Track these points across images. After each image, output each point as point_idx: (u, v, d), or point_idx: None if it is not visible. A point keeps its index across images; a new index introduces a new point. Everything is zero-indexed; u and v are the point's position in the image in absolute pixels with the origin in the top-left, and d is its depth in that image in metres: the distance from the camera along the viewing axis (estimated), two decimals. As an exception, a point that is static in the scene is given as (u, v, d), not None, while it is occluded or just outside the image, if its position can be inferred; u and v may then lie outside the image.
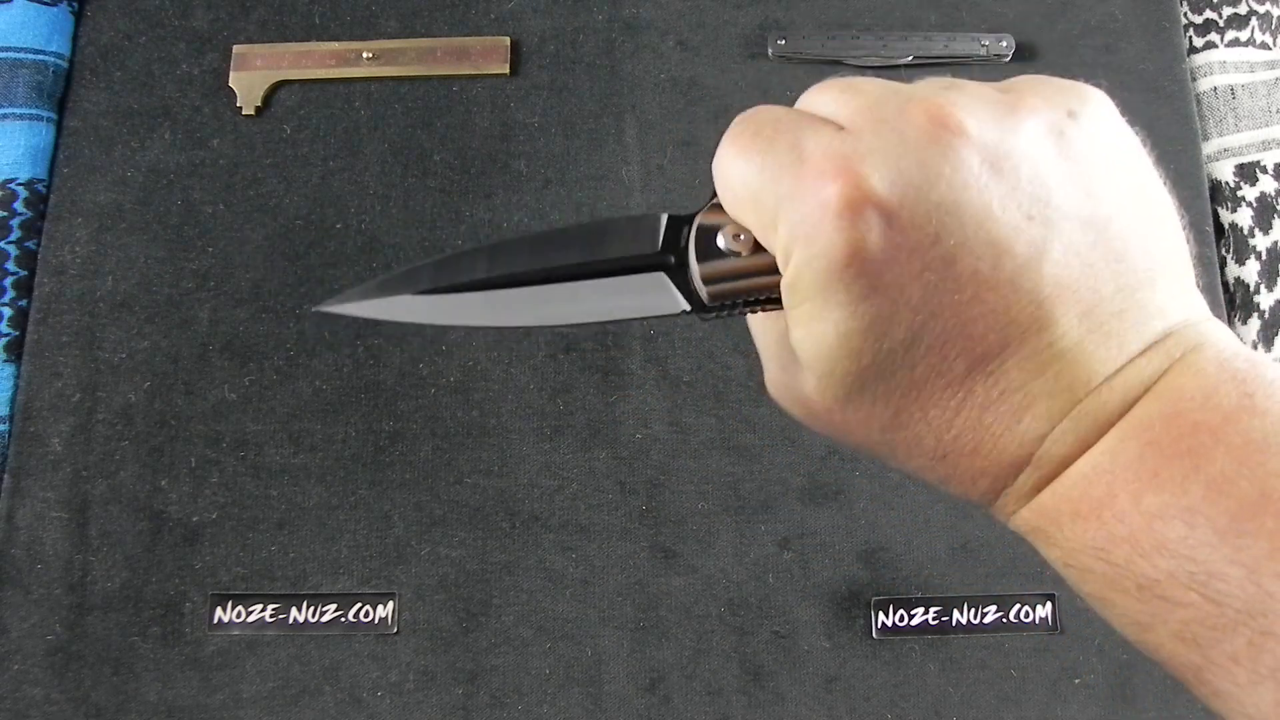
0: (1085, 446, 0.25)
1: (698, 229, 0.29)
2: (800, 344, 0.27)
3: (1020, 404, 0.25)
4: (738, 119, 0.28)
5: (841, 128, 0.26)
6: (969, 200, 0.24)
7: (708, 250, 0.29)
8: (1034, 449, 0.25)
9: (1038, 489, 0.26)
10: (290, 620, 0.52)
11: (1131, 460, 0.24)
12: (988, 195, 0.24)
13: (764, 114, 0.28)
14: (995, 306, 0.24)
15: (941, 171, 0.24)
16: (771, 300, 0.29)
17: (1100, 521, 0.24)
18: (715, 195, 0.30)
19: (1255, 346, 0.57)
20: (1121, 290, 0.25)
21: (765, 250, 0.28)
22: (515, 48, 0.62)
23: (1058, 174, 0.25)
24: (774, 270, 0.28)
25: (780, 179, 0.26)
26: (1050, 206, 0.25)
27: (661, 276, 0.29)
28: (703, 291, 0.29)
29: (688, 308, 0.29)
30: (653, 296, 0.30)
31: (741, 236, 0.29)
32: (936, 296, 0.24)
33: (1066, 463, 0.25)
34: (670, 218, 0.30)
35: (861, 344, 0.25)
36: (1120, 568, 0.24)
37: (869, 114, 0.26)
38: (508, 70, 0.61)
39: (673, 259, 0.30)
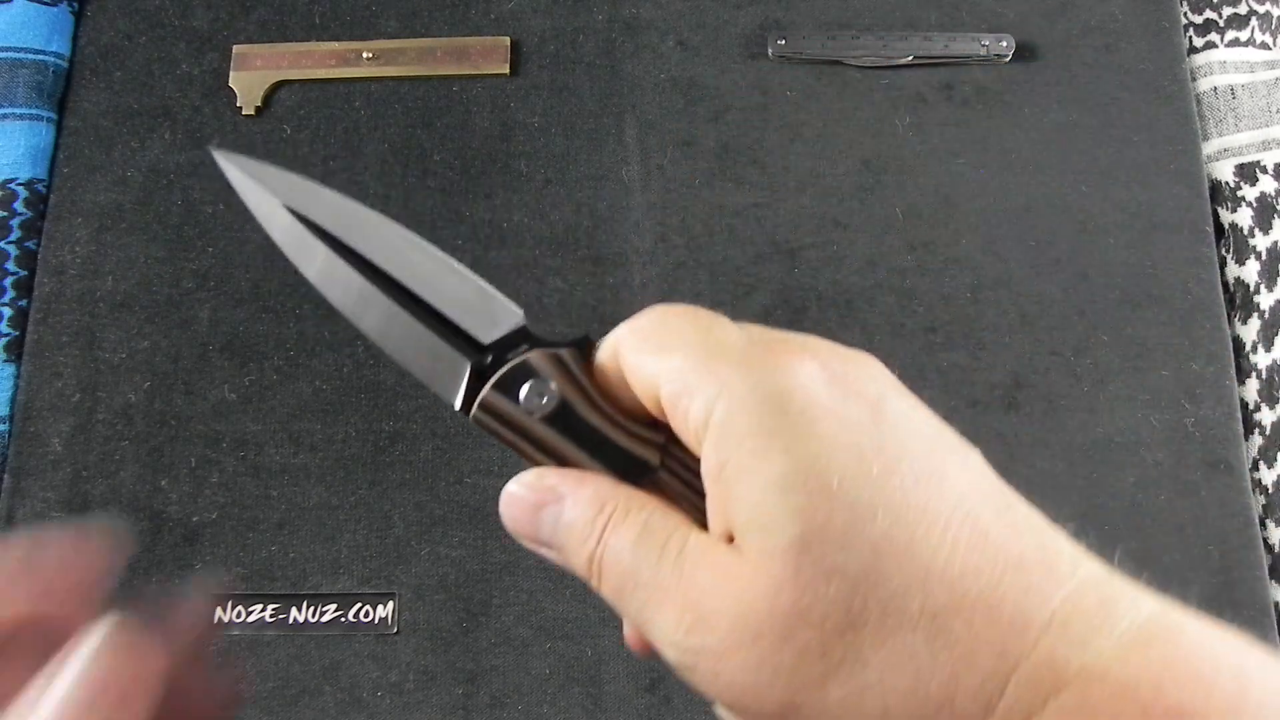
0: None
1: (517, 366, 0.29)
2: (741, 496, 0.25)
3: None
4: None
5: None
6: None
7: (511, 384, 0.28)
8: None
9: None
10: (290, 620, 0.52)
11: None
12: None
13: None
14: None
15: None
16: (528, 459, 0.28)
17: None
18: (564, 344, 0.29)
19: (1255, 347, 0.57)
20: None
21: (549, 426, 0.28)
22: (515, 48, 0.62)
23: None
24: (542, 449, 0.28)
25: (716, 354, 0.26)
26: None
27: (465, 366, 0.29)
28: (475, 410, 0.29)
29: (457, 406, 0.29)
30: (443, 373, 0.29)
31: (545, 399, 0.28)
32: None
33: None
34: (520, 331, 0.30)
35: (806, 484, 0.24)
36: None
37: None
38: (508, 70, 0.61)
39: (488, 359, 0.29)
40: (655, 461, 0.28)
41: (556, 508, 0.27)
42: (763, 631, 0.23)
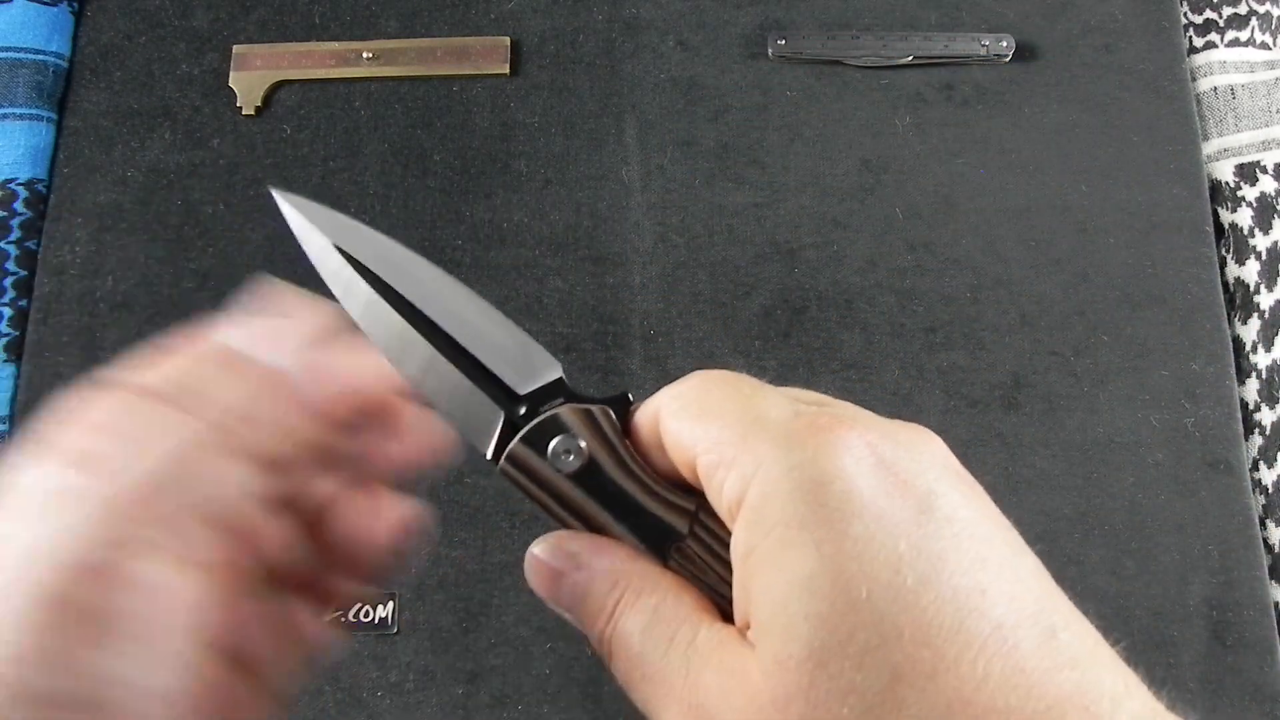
0: None
1: (547, 420, 0.28)
2: (764, 589, 0.23)
3: None
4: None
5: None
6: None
7: (540, 438, 0.28)
8: None
9: None
10: (290, 620, 0.52)
11: None
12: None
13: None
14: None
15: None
16: (554, 516, 0.28)
17: None
18: (600, 401, 0.29)
19: (1255, 347, 0.57)
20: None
21: (575, 485, 0.27)
22: (515, 48, 0.62)
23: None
24: (568, 507, 0.27)
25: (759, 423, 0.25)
26: None
27: (499, 416, 0.29)
28: (502, 462, 0.28)
29: (489, 455, 0.29)
30: (477, 421, 0.29)
31: (571, 457, 0.28)
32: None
33: None
34: (556, 384, 0.29)
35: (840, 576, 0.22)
36: None
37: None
38: (508, 70, 0.61)
39: (522, 410, 0.29)
40: (684, 529, 0.27)
41: (576, 576, 0.26)
42: None
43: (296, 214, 0.32)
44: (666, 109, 0.61)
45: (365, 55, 0.61)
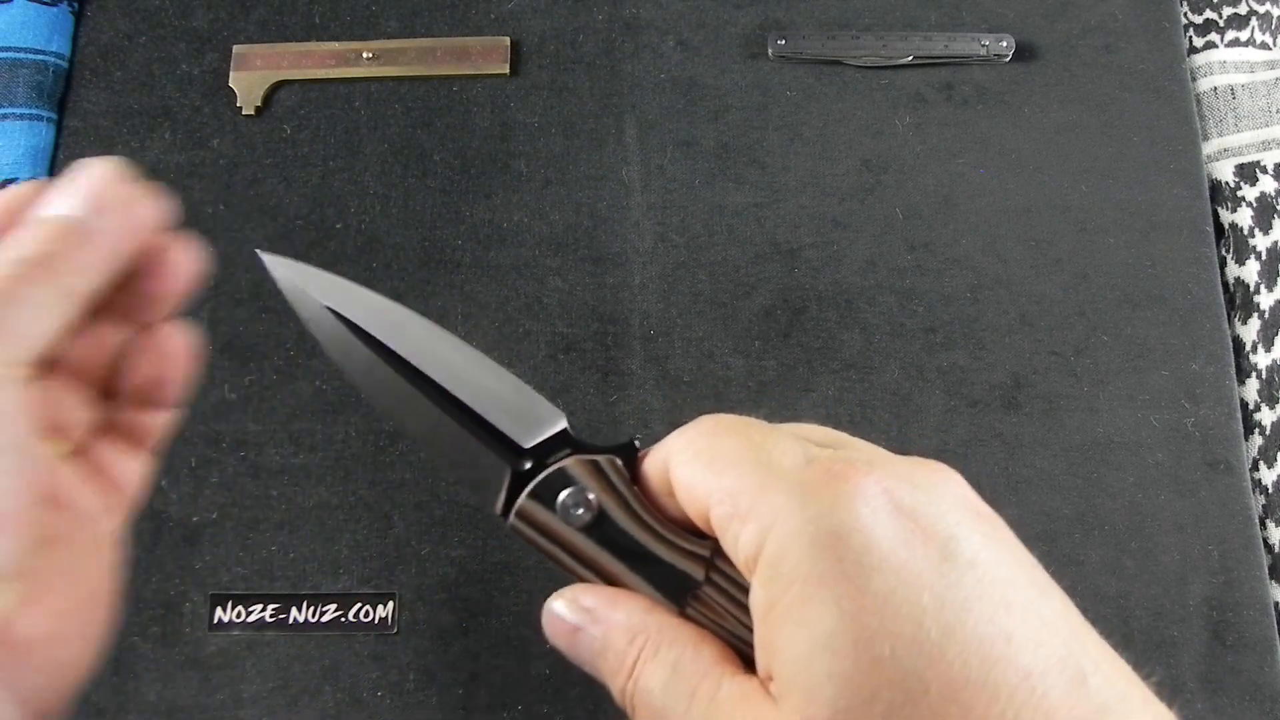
0: None
1: (554, 474, 0.28)
2: (786, 646, 0.22)
3: None
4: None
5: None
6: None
7: (548, 491, 0.28)
8: None
9: None
10: (290, 620, 0.52)
11: None
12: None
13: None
14: None
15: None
16: (566, 569, 0.28)
17: None
18: (607, 450, 0.28)
19: (1255, 347, 0.57)
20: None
21: (587, 537, 0.27)
22: (515, 48, 0.62)
23: None
24: (580, 559, 0.27)
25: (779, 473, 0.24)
26: None
27: (506, 472, 0.28)
28: (511, 518, 0.28)
29: (498, 511, 0.28)
30: (484, 478, 0.29)
31: (581, 510, 0.27)
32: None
33: None
34: (560, 435, 0.29)
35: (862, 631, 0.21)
36: None
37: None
38: (508, 70, 0.61)
39: (528, 464, 0.28)
40: (699, 577, 0.27)
41: (593, 631, 0.26)
42: None
43: (287, 276, 0.32)
44: (666, 109, 0.61)
45: (365, 55, 0.61)
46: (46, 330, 0.26)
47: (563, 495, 0.28)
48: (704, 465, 0.26)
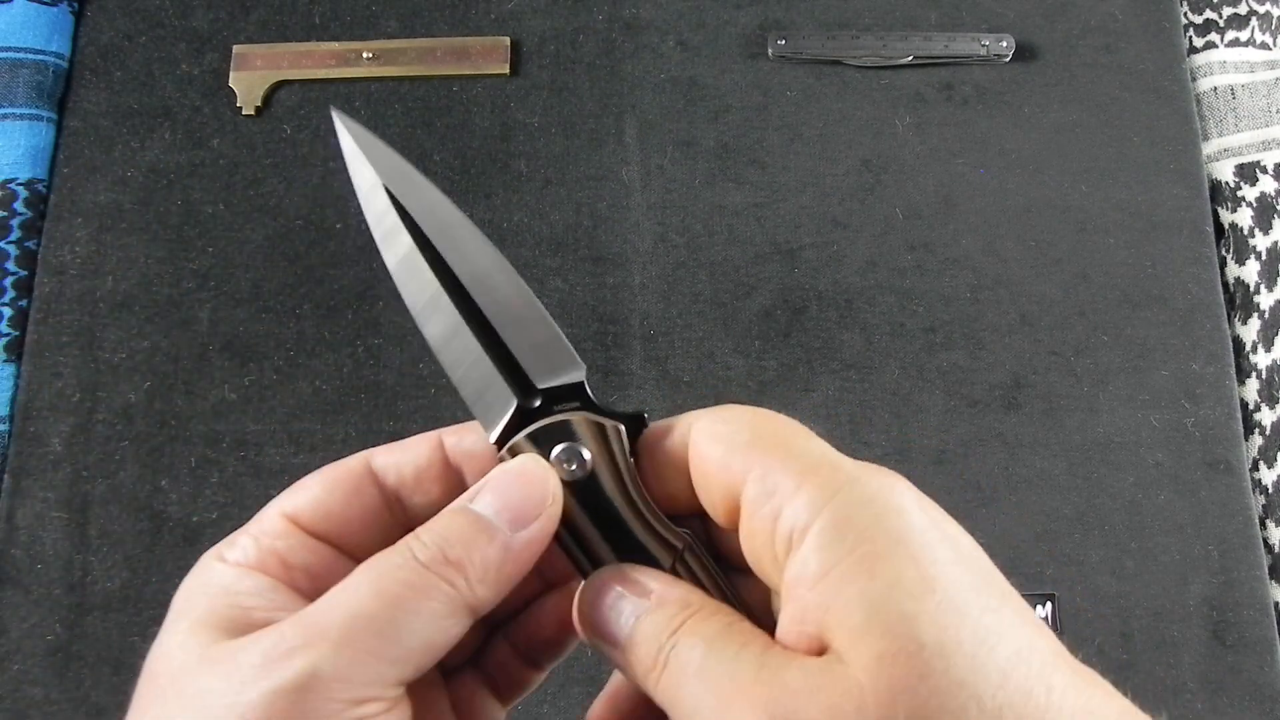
0: None
1: (558, 423, 0.28)
2: (856, 597, 0.24)
3: None
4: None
5: None
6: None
7: (547, 439, 0.28)
8: None
9: None
10: (290, 620, 0.52)
11: None
12: None
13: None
14: None
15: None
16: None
17: None
18: (615, 415, 0.28)
19: (1255, 347, 0.57)
20: None
21: (571, 494, 0.27)
22: (515, 48, 0.62)
23: None
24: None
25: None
26: None
27: (512, 403, 0.28)
28: (504, 450, 0.28)
29: (493, 440, 0.28)
30: (488, 402, 0.29)
31: (573, 467, 0.27)
32: None
33: None
34: (575, 387, 0.29)
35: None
36: None
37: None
38: (508, 70, 0.61)
39: (536, 403, 0.28)
40: (666, 565, 0.27)
41: (639, 603, 0.26)
42: None
43: (352, 144, 0.32)
44: (666, 109, 0.61)
45: (365, 55, 0.61)
46: (436, 646, 0.25)
47: (560, 447, 0.28)
48: (744, 445, 0.26)
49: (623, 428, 0.28)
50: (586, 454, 0.27)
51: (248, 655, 0.24)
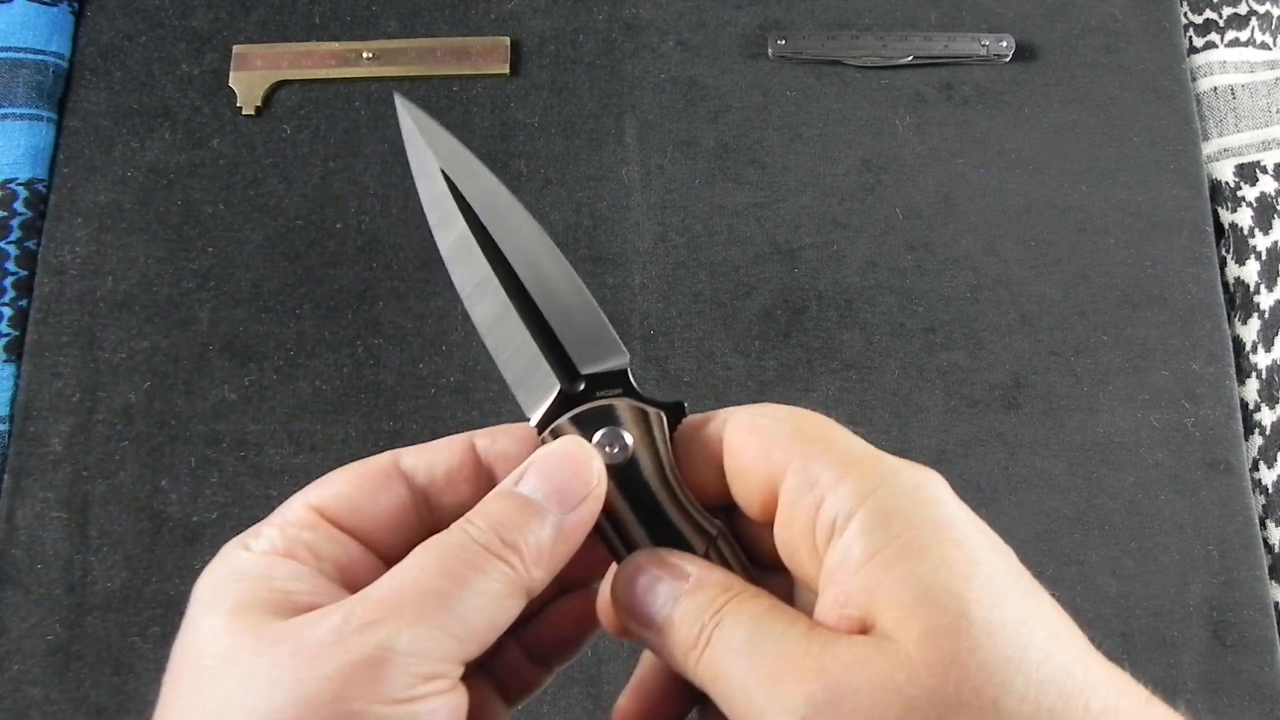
0: None
1: (601, 407, 0.28)
2: (906, 577, 0.24)
3: None
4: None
5: None
6: None
7: (589, 423, 0.28)
8: None
9: None
10: (290, 620, 0.52)
11: None
12: None
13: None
14: None
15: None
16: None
17: None
18: (656, 403, 0.29)
19: (1255, 347, 0.57)
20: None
21: (612, 478, 0.28)
22: (515, 48, 0.62)
23: None
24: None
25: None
26: None
27: (555, 387, 0.29)
28: (546, 434, 0.29)
29: (534, 422, 0.29)
30: (532, 385, 0.29)
31: (614, 450, 0.28)
32: None
33: None
34: (619, 374, 0.29)
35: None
36: None
37: None
38: (508, 70, 0.61)
39: (580, 388, 0.29)
40: (700, 551, 0.28)
41: (677, 585, 0.27)
42: (917, 708, 0.23)
43: (413, 127, 0.32)
44: (666, 109, 0.61)
45: (365, 55, 0.61)
46: (498, 625, 0.25)
47: (601, 432, 0.28)
48: (785, 436, 0.27)
49: (664, 416, 0.28)
50: (629, 438, 0.28)
51: (315, 632, 0.24)
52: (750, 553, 0.29)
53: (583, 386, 0.29)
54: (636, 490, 0.28)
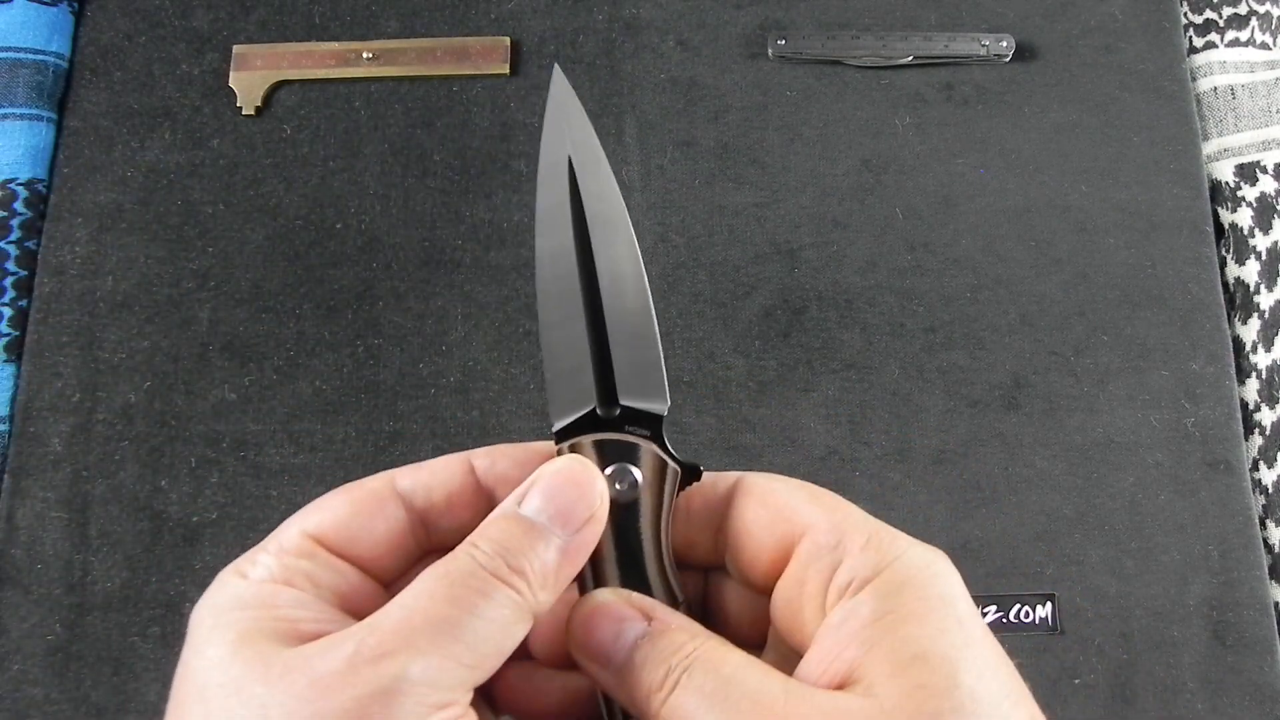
0: None
1: (626, 442, 0.29)
2: (905, 639, 0.26)
3: None
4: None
5: None
6: None
7: (609, 452, 0.29)
8: None
9: None
10: (290, 620, 0.52)
11: None
12: None
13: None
14: None
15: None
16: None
17: None
18: (680, 461, 0.29)
19: (1255, 347, 0.57)
20: None
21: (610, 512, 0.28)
22: (515, 48, 0.62)
23: None
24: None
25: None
26: None
27: (589, 406, 0.30)
28: (564, 444, 0.29)
29: (555, 429, 0.30)
30: (568, 396, 0.30)
31: (622, 489, 0.28)
32: None
33: None
34: (654, 418, 0.30)
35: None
36: None
37: None
38: (508, 70, 0.61)
39: (615, 413, 0.29)
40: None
41: (641, 625, 0.27)
42: None
43: (556, 106, 0.32)
44: (666, 109, 0.61)
45: (365, 55, 0.61)
46: (505, 649, 0.25)
47: (615, 466, 0.28)
48: (807, 498, 0.28)
49: (680, 475, 0.29)
50: (640, 482, 0.28)
51: (326, 662, 0.24)
52: (712, 627, 0.29)
53: (616, 414, 0.29)
54: (627, 534, 0.28)
